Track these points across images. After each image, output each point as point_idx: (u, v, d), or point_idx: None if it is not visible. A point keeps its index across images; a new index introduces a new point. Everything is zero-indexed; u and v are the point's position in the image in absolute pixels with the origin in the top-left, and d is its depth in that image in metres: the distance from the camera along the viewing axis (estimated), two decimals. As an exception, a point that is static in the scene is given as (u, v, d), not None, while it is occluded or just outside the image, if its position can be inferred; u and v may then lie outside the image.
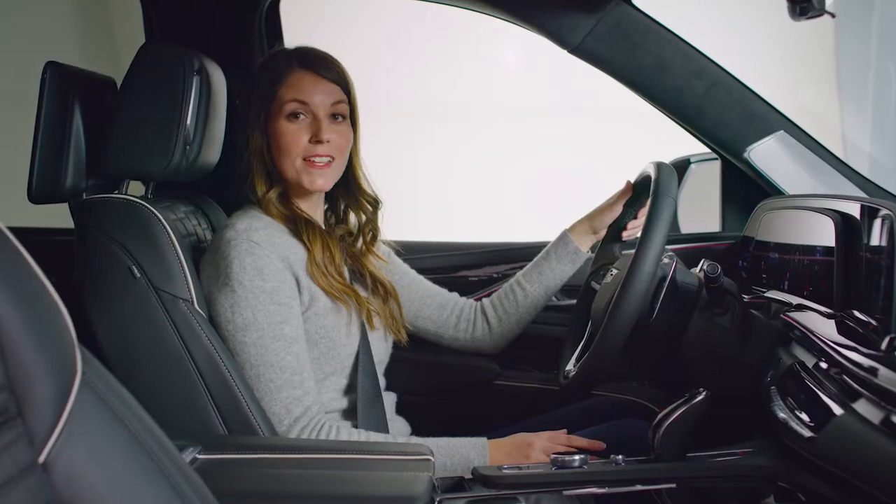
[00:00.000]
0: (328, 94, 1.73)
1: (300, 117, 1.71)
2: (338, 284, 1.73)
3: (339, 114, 1.75)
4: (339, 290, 1.72)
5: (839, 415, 1.15)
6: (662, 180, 1.64)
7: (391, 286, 1.92)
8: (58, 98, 1.69)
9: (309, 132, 1.71)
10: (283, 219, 1.73)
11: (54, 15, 3.29)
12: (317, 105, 1.72)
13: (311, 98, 1.71)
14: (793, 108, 2.22)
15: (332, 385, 1.75)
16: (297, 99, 1.71)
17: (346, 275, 1.81)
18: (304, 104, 1.71)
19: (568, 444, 1.69)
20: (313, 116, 1.72)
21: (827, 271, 1.55)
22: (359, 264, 1.88)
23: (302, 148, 1.71)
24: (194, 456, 1.41)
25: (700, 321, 1.60)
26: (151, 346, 1.59)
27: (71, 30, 3.41)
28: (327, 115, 1.73)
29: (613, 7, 1.98)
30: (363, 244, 1.90)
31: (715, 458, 1.45)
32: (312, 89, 1.72)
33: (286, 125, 1.71)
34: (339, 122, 1.75)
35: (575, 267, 2.02)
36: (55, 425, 0.71)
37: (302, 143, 1.71)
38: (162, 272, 1.60)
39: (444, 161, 4.13)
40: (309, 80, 1.72)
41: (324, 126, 1.71)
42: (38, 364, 0.69)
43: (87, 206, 1.66)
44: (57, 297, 0.75)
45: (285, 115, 1.71)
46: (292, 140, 1.71)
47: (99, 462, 0.74)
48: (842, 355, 1.24)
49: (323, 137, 1.70)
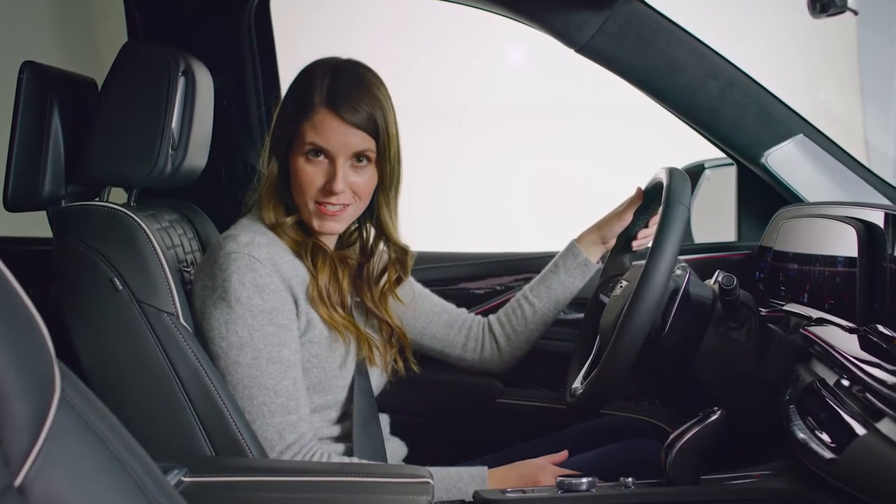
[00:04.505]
0: (351, 142, 1.67)
1: (319, 157, 1.67)
2: (339, 317, 1.71)
3: (363, 156, 1.69)
4: (339, 322, 1.70)
5: (862, 435, 1.15)
6: (675, 187, 1.64)
7: (399, 326, 1.89)
8: (35, 99, 1.69)
9: (324, 177, 1.67)
10: (292, 242, 1.71)
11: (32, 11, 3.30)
12: (337, 151, 1.66)
13: (332, 144, 1.66)
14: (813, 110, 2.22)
15: (324, 417, 1.74)
16: (315, 143, 1.66)
17: (350, 302, 1.79)
18: (322, 149, 1.67)
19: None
20: (331, 160, 1.67)
21: (849, 283, 1.55)
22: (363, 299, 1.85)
23: (315, 191, 1.68)
24: (180, 478, 1.41)
25: (714, 336, 1.60)
26: (134, 362, 1.59)
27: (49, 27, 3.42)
28: (350, 158, 1.68)
29: (623, 4, 1.98)
30: (386, 284, 1.86)
31: (730, 481, 1.45)
32: (334, 135, 1.66)
33: (303, 164, 1.68)
34: (363, 164, 1.70)
35: (585, 279, 2.02)
36: (32, 446, 0.70)
37: (316, 186, 1.67)
38: (145, 284, 1.60)
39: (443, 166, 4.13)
40: (332, 125, 1.66)
41: (338, 176, 1.66)
42: (14, 381, 0.69)
43: (67, 215, 1.66)
44: (34, 310, 0.75)
45: (304, 152, 1.67)
46: (307, 181, 1.67)
47: (79, 485, 0.74)
48: (865, 372, 1.24)
49: (336, 189, 1.66)
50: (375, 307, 1.85)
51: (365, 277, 1.85)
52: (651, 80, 2.07)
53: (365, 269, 1.85)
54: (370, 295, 1.85)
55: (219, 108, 1.92)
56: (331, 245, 1.79)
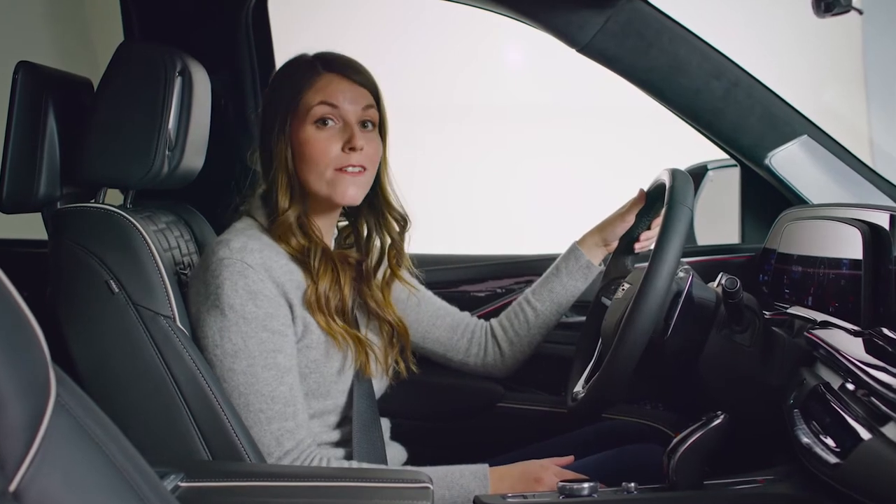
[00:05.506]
0: (359, 97, 1.70)
1: (329, 123, 1.68)
2: (337, 326, 1.70)
3: (368, 121, 1.72)
4: (337, 330, 1.70)
5: (867, 439, 1.15)
6: (678, 188, 1.64)
7: (400, 324, 1.89)
8: (30, 100, 1.69)
9: (340, 140, 1.68)
10: (297, 248, 1.69)
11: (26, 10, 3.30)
12: (347, 110, 1.68)
13: (342, 102, 1.68)
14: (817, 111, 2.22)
15: (323, 422, 1.74)
16: (326, 101, 1.67)
17: (350, 304, 1.78)
18: (334, 108, 1.68)
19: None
20: (344, 122, 1.69)
21: (854, 286, 1.56)
22: (365, 301, 1.84)
23: (333, 157, 1.67)
24: (176, 483, 1.41)
25: (718, 339, 1.60)
26: (130, 365, 1.59)
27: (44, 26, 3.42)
28: (357, 122, 1.70)
29: (625, 3, 1.98)
30: (388, 270, 1.87)
31: (734, 486, 1.45)
32: (342, 93, 1.69)
33: (314, 133, 1.68)
34: (369, 130, 1.72)
35: (587, 282, 2.02)
36: (27, 451, 0.70)
37: (333, 152, 1.67)
38: (142, 287, 1.60)
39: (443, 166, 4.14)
40: (338, 84, 1.69)
41: (356, 132, 1.68)
42: (9, 385, 0.69)
43: (62, 216, 1.66)
44: (29, 313, 0.75)
45: (313, 121, 1.68)
46: (322, 149, 1.67)
47: (74, 490, 0.74)
48: (870, 376, 1.24)
49: (357, 144, 1.67)
50: (376, 304, 1.85)
51: (364, 273, 1.85)
52: (653, 80, 2.07)
53: (364, 266, 1.86)
54: (370, 290, 1.85)
55: (216, 109, 1.92)
56: (329, 240, 1.80)
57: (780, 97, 2.08)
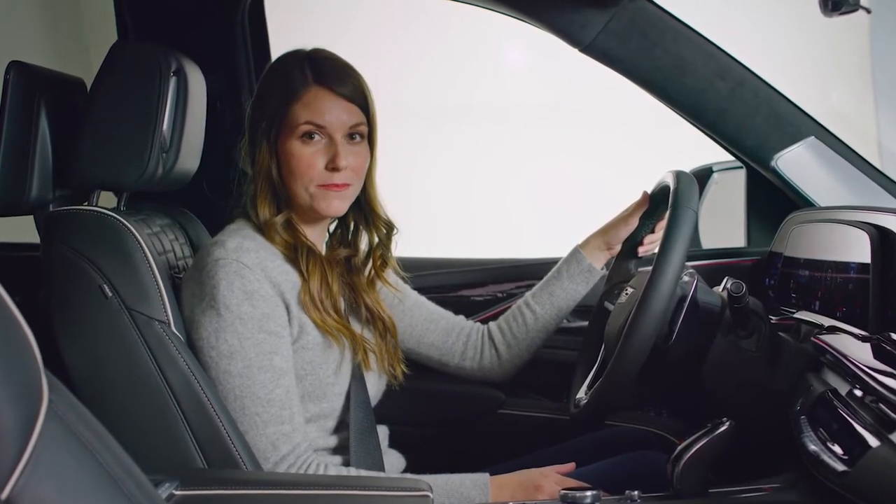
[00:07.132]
0: (346, 115, 1.71)
1: (315, 138, 1.69)
2: (332, 321, 1.71)
3: (357, 133, 1.73)
4: (333, 326, 1.71)
5: (875, 447, 1.15)
6: (682, 191, 1.64)
7: (390, 321, 1.90)
8: (22, 100, 1.69)
9: (325, 157, 1.69)
10: (283, 245, 1.71)
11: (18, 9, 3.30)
12: (334, 127, 1.69)
13: (328, 121, 1.69)
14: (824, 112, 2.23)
15: (320, 426, 1.74)
16: (312, 122, 1.68)
17: (342, 305, 1.80)
18: (320, 127, 1.69)
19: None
20: (329, 139, 1.70)
21: (862, 290, 1.56)
22: (357, 296, 1.86)
23: (317, 174, 1.69)
24: (171, 491, 1.41)
25: (723, 344, 1.60)
26: (124, 371, 1.59)
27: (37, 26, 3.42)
28: (344, 136, 1.71)
29: (628, 2, 1.98)
30: (372, 270, 1.88)
31: (739, 494, 1.45)
32: (330, 110, 1.69)
33: (300, 147, 1.69)
34: (357, 142, 1.73)
35: (589, 286, 2.02)
36: (19, 458, 0.70)
37: (317, 169, 1.69)
38: (136, 291, 1.60)
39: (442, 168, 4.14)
40: (326, 100, 1.69)
41: (341, 151, 1.69)
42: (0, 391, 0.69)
43: (54, 219, 1.66)
44: (21, 317, 0.75)
45: (299, 135, 1.69)
46: (307, 164, 1.69)
47: (67, 498, 0.74)
48: (878, 382, 1.24)
49: (340, 164, 1.68)
50: (366, 296, 1.86)
51: (353, 268, 1.87)
52: (657, 80, 2.07)
53: (352, 263, 1.87)
54: (358, 286, 1.86)
55: (211, 110, 1.92)
56: (320, 247, 1.80)
57: (786, 98, 2.08)
